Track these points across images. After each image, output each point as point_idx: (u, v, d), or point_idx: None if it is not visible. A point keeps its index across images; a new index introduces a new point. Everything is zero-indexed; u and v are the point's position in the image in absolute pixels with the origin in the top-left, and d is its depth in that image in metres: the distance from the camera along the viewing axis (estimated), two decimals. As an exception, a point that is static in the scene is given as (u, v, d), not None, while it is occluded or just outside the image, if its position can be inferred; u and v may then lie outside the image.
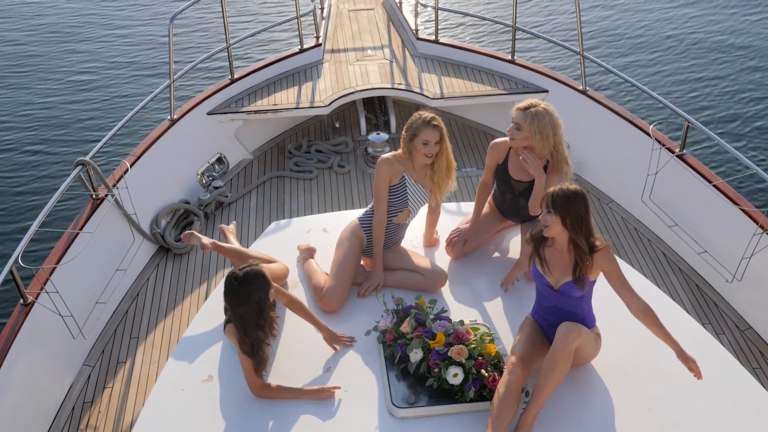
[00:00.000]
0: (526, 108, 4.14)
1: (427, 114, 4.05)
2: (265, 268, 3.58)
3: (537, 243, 3.54)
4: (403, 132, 4.11)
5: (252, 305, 3.41)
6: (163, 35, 11.60)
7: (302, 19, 7.50)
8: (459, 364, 3.43)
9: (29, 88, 10.35)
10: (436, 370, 3.46)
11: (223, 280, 4.25)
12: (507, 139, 4.31)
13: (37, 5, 13.07)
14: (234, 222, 4.92)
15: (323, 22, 8.16)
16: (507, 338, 3.84)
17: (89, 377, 4.98)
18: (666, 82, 10.09)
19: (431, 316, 3.69)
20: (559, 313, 3.54)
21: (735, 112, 9.36)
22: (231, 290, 3.43)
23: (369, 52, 7.83)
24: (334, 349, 3.78)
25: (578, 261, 3.40)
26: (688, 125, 5.71)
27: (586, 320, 3.55)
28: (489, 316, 4.01)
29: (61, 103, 9.91)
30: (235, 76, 7.17)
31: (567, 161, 4.24)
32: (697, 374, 3.35)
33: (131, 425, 4.56)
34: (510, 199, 4.46)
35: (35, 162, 8.65)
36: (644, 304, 3.44)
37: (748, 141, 8.77)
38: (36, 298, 4.63)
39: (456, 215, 4.84)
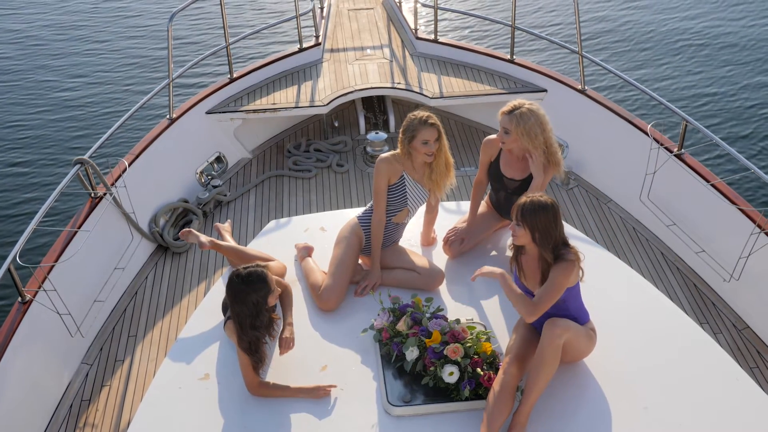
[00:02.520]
0: (511, 111, 4.14)
1: (422, 113, 4.06)
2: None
3: (516, 250, 3.57)
4: (400, 135, 4.11)
5: (248, 306, 3.43)
6: (163, 34, 11.60)
7: (301, 18, 7.51)
8: (455, 362, 3.44)
9: (28, 86, 10.35)
10: (431, 368, 3.47)
11: (221, 278, 4.29)
12: None
13: (36, 4, 13.07)
14: (229, 220, 4.93)
15: (323, 21, 8.16)
16: (503, 337, 3.84)
17: (87, 375, 4.99)
18: (665, 82, 10.09)
19: (427, 315, 3.70)
20: (547, 316, 3.54)
21: (733, 111, 9.36)
22: (231, 287, 3.46)
23: (368, 51, 7.84)
24: (279, 346, 3.66)
25: (544, 273, 3.42)
26: (686, 125, 5.72)
27: (577, 319, 3.55)
28: (485, 314, 4.01)
29: (59, 102, 9.92)
30: (234, 75, 7.17)
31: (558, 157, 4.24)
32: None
33: (129, 423, 4.57)
34: (503, 197, 4.46)
35: (34, 160, 8.65)
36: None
37: (746, 140, 8.77)
38: (34, 297, 4.64)
39: (455, 214, 4.85)
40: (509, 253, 4.50)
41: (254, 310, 3.44)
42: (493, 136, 4.43)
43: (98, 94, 10.13)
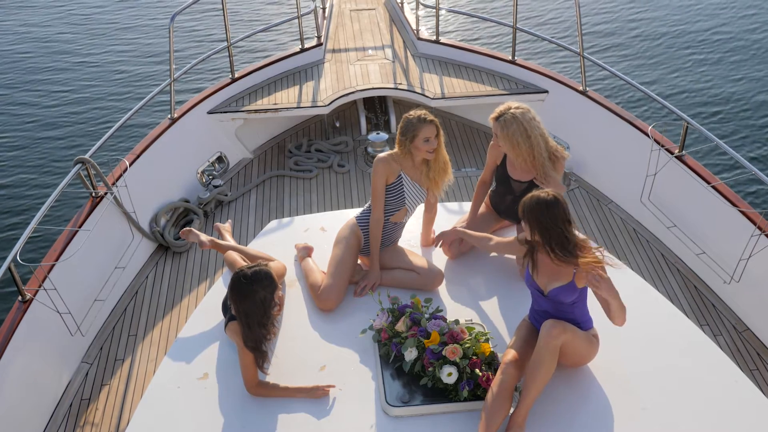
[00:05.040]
0: (497, 117, 4.16)
1: (418, 112, 4.07)
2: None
3: (532, 247, 3.54)
4: (399, 135, 4.11)
5: (257, 303, 3.45)
6: (164, 34, 11.61)
7: (303, 18, 7.52)
8: (453, 363, 3.44)
9: (29, 85, 10.37)
10: (430, 369, 3.47)
11: (222, 278, 4.29)
12: None
13: (38, 3, 13.09)
14: (230, 220, 4.93)
15: (324, 21, 8.17)
16: (502, 338, 3.84)
17: (87, 374, 4.99)
18: (666, 83, 10.08)
19: (426, 315, 3.70)
20: (551, 318, 3.53)
21: (734, 113, 9.35)
22: (238, 287, 3.46)
23: (370, 51, 7.84)
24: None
25: (555, 271, 3.41)
26: (687, 126, 5.71)
27: (581, 324, 3.54)
28: (485, 315, 4.01)
29: (61, 101, 9.94)
30: (236, 75, 7.18)
31: (553, 156, 4.22)
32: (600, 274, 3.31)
33: (129, 422, 4.57)
34: (510, 201, 4.44)
35: (35, 160, 8.67)
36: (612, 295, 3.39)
37: (747, 142, 8.76)
38: (34, 295, 4.65)
39: (456, 214, 4.85)
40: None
41: (263, 307, 3.46)
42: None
43: (99, 93, 10.15)
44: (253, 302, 3.45)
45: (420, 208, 4.50)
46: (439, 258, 4.45)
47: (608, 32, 11.59)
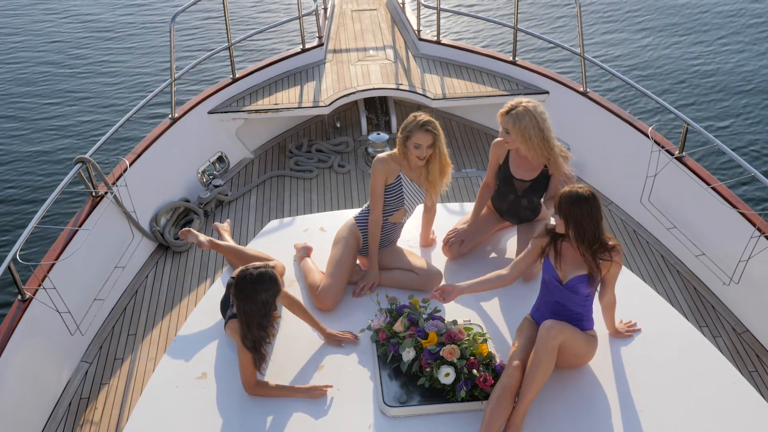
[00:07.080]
0: (509, 111, 4.15)
1: (423, 117, 4.04)
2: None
3: (555, 236, 3.55)
4: (399, 132, 4.12)
5: (258, 305, 3.45)
6: (165, 34, 11.63)
7: (304, 18, 7.52)
8: (451, 363, 3.44)
9: (30, 84, 10.38)
10: (428, 369, 3.47)
11: (221, 278, 4.30)
12: None
13: (39, 3, 13.10)
14: (228, 220, 4.93)
15: (326, 22, 8.18)
16: (500, 338, 3.84)
17: (87, 373, 5.00)
18: (666, 84, 10.08)
19: (424, 316, 3.70)
20: (559, 310, 3.53)
21: (734, 114, 9.35)
22: (242, 286, 3.46)
23: (371, 52, 7.85)
24: (339, 345, 3.83)
25: (589, 265, 3.44)
26: (687, 127, 5.71)
27: (584, 321, 3.55)
28: (483, 316, 4.02)
29: (61, 101, 9.95)
30: (237, 76, 7.19)
31: (561, 153, 4.23)
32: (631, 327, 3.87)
33: (128, 421, 4.58)
34: (512, 200, 4.44)
35: (35, 159, 8.68)
36: (613, 298, 3.67)
37: (747, 143, 8.76)
38: (34, 295, 4.65)
39: (457, 215, 4.85)
40: (509, 254, 4.51)
41: (263, 309, 3.46)
42: (501, 138, 4.43)
43: (100, 93, 10.16)
44: (254, 303, 3.45)
45: (419, 209, 4.50)
46: (439, 258, 4.46)
47: (609, 33, 11.59)
